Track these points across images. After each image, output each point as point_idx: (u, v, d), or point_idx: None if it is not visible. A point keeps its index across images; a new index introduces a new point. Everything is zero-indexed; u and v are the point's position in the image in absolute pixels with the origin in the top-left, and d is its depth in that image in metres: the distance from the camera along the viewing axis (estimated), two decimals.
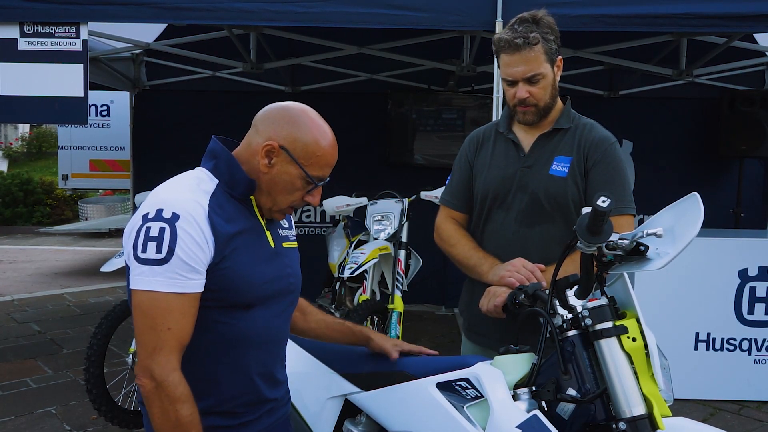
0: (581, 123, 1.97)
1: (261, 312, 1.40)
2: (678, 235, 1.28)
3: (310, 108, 1.43)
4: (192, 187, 1.35)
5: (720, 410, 3.83)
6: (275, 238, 1.47)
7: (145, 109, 6.08)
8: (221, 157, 1.39)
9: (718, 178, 6.01)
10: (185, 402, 1.26)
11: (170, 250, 1.25)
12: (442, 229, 2.10)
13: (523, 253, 1.85)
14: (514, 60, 1.84)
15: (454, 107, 5.91)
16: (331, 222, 5.87)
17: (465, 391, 1.52)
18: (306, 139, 1.36)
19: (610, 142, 1.92)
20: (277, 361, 1.51)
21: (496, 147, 2.02)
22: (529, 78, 1.85)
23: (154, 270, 1.25)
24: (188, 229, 1.27)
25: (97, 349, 3.24)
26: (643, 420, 1.32)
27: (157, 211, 1.28)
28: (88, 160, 9.45)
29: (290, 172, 1.37)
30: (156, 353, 1.25)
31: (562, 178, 1.89)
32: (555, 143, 1.94)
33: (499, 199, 1.97)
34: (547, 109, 1.92)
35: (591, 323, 1.39)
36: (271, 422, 1.49)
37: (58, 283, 7.32)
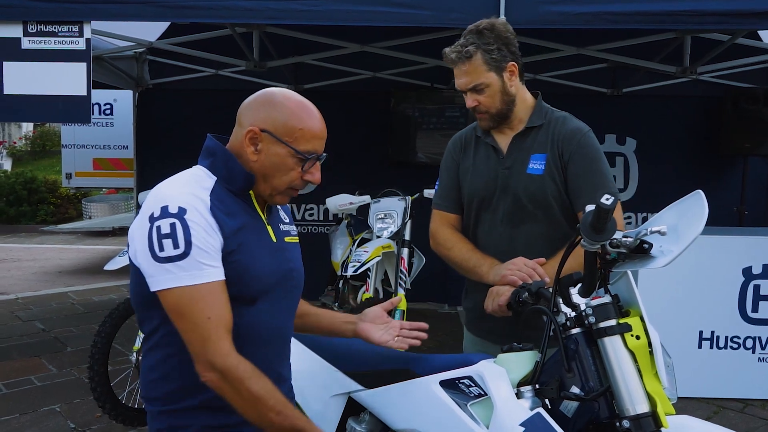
0: (554, 117, 1.99)
1: (265, 307, 1.40)
2: (682, 232, 1.28)
3: (285, 89, 1.43)
4: (190, 183, 1.35)
5: (724, 408, 3.82)
6: (276, 233, 1.47)
7: (148, 108, 6.09)
8: (218, 154, 1.40)
9: (721, 176, 6.00)
10: (251, 377, 1.28)
11: (187, 242, 1.25)
12: (438, 234, 2.12)
13: (512, 252, 1.88)
14: (456, 73, 1.93)
15: (456, 105, 5.90)
16: (334, 220, 5.86)
17: (468, 389, 1.52)
18: (284, 115, 1.36)
19: (583, 132, 1.93)
20: (282, 358, 1.51)
21: (477, 152, 2.07)
22: (473, 88, 1.92)
23: (177, 266, 1.25)
24: (197, 220, 1.27)
25: (101, 347, 3.25)
26: (646, 418, 1.32)
27: (162, 209, 1.27)
28: (92, 158, 9.47)
29: (278, 153, 1.36)
30: (206, 345, 1.26)
31: (539, 176, 1.92)
32: (530, 142, 1.97)
33: (485, 203, 2.01)
34: (501, 114, 1.95)
35: (594, 321, 1.39)
36: None
37: (62, 282, 7.34)
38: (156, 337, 1.38)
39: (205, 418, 1.37)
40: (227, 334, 1.28)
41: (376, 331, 1.67)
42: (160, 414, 1.39)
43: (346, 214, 4.51)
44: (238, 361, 1.27)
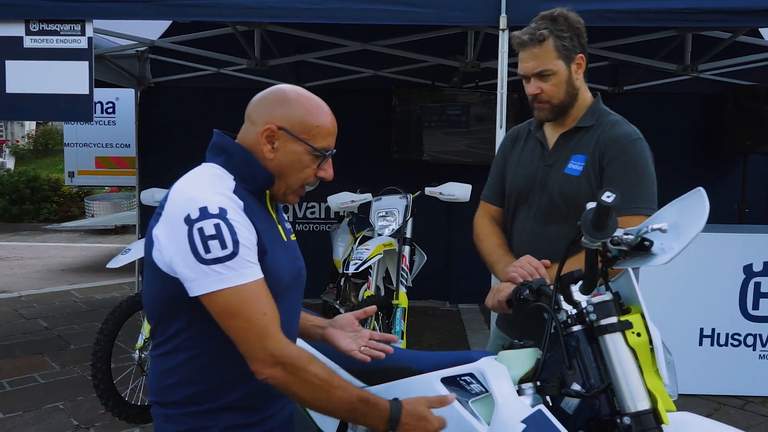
0: (606, 120, 1.93)
1: (283, 306, 1.40)
2: (683, 230, 1.28)
3: (294, 86, 1.43)
4: (215, 183, 1.33)
5: (724, 405, 3.83)
6: (285, 232, 1.48)
7: (150, 107, 6.10)
8: (234, 152, 1.37)
9: (722, 173, 6.00)
10: (312, 363, 1.30)
11: (235, 242, 1.25)
12: (476, 225, 2.13)
13: (539, 250, 1.84)
14: (524, 56, 1.87)
15: (458, 104, 5.90)
16: (335, 218, 5.87)
17: (470, 386, 1.53)
18: (301, 113, 1.36)
19: (631, 138, 1.87)
20: None
21: (526, 145, 2.05)
22: (539, 74, 1.86)
23: (227, 266, 1.24)
24: (239, 219, 1.27)
25: (104, 345, 3.26)
26: (647, 415, 1.33)
27: (201, 210, 1.24)
28: (94, 157, 9.47)
29: (296, 150, 1.36)
30: (266, 340, 1.26)
31: (576, 177, 1.88)
32: (575, 142, 1.93)
33: (522, 197, 1.99)
34: (563, 107, 1.90)
35: (595, 318, 1.39)
36: (283, 418, 1.50)
37: (65, 280, 7.36)
38: (176, 341, 1.36)
39: (227, 419, 1.37)
40: (281, 329, 1.30)
41: (343, 338, 1.61)
42: (183, 416, 1.37)
43: (348, 212, 4.52)
44: (298, 351, 1.30)
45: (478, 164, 5.50)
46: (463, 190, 3.95)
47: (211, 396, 1.36)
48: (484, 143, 5.69)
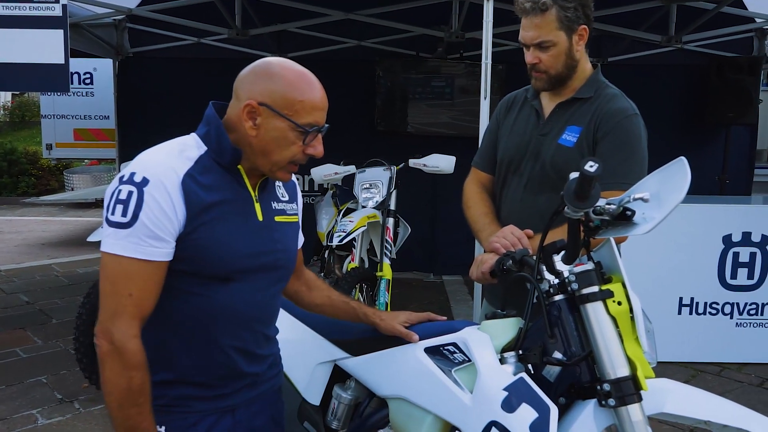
0: (604, 93, 1.91)
1: (240, 286, 1.36)
2: (664, 199, 1.29)
3: (283, 58, 1.38)
4: (174, 152, 1.31)
5: (701, 372, 3.92)
6: (266, 211, 1.41)
7: (129, 77, 5.98)
8: (212, 124, 1.35)
9: (705, 145, 6.05)
10: (139, 370, 1.25)
11: (135, 215, 1.23)
12: (465, 191, 2.11)
13: (528, 220, 1.84)
14: (525, 24, 1.84)
15: (442, 75, 5.86)
16: (319, 190, 5.84)
17: (453, 355, 1.54)
18: (283, 87, 1.30)
19: (627, 114, 1.85)
20: (259, 338, 1.46)
21: (520, 113, 2.02)
22: (538, 44, 1.83)
23: (118, 233, 1.24)
24: (156, 195, 1.24)
25: (86, 318, 3.24)
26: (626, 381, 1.35)
27: (131, 174, 1.25)
28: (73, 129, 9.32)
29: (278, 127, 1.30)
30: (116, 318, 1.24)
31: (569, 148, 1.86)
32: (571, 112, 1.91)
33: (513, 165, 1.97)
34: (560, 78, 1.88)
35: (577, 288, 1.40)
36: (255, 395, 1.47)
37: (45, 254, 7.28)
38: None
39: (178, 391, 1.36)
40: (141, 317, 1.26)
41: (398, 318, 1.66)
42: None
43: (332, 184, 4.50)
44: (137, 349, 1.25)
45: (462, 136, 5.49)
46: (448, 161, 3.95)
47: (165, 366, 1.35)
48: (469, 115, 5.67)
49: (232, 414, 1.42)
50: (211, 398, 1.39)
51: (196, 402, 1.37)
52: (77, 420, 3.24)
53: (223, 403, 1.41)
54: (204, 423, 1.38)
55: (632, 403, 1.34)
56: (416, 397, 1.55)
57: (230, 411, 1.42)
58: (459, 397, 1.46)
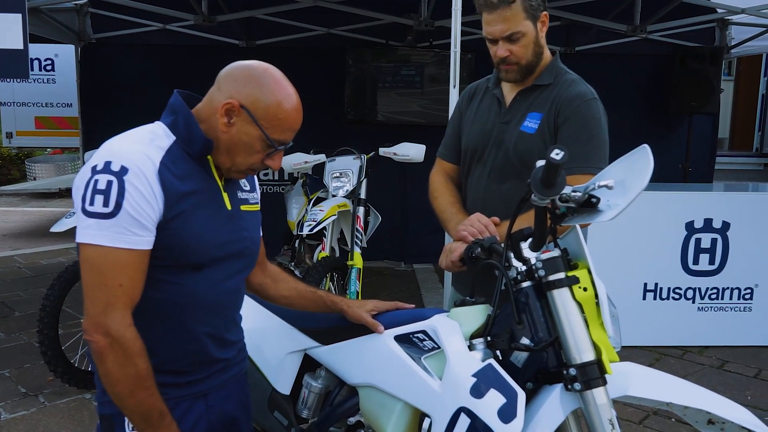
0: (563, 79, 1.93)
1: (211, 274, 1.38)
2: (628, 186, 1.31)
3: (275, 68, 1.38)
4: (145, 141, 1.30)
5: (665, 356, 4.02)
6: (232, 200, 1.44)
7: (92, 64, 5.83)
8: (180, 113, 1.35)
9: (668, 133, 6.17)
10: (143, 356, 1.26)
11: (118, 204, 1.22)
12: (430, 182, 2.12)
13: (493, 208, 1.86)
14: (492, 18, 1.82)
15: (412, 63, 5.85)
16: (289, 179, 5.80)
17: (422, 342, 1.55)
18: (268, 100, 1.31)
19: (585, 98, 1.87)
20: (230, 323, 1.49)
21: (482, 102, 2.03)
22: (508, 36, 1.83)
23: (101, 224, 1.22)
24: (137, 184, 1.23)
25: (50, 310, 3.18)
26: (592, 365, 1.38)
27: (106, 164, 1.24)
28: (34, 117, 9.06)
29: (250, 133, 1.32)
30: (109, 309, 1.24)
31: (531, 135, 1.88)
32: (532, 99, 1.93)
33: (477, 154, 1.99)
34: (530, 66, 1.89)
35: (544, 274, 1.42)
36: (224, 379, 1.49)
37: (7, 245, 7.10)
38: None
39: (155, 378, 1.35)
40: (132, 306, 1.26)
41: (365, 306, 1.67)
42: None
43: (302, 173, 4.47)
44: (135, 336, 1.25)
45: (432, 125, 5.50)
46: (418, 150, 3.95)
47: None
48: (438, 104, 5.68)
49: (205, 399, 1.45)
50: (185, 384, 1.41)
51: (170, 389, 1.38)
52: (42, 414, 3.18)
53: (196, 389, 1.42)
54: (178, 409, 1.39)
55: (597, 387, 1.37)
56: (386, 385, 1.56)
57: (203, 396, 1.44)
58: (429, 384, 1.48)
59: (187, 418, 1.41)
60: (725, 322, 4.13)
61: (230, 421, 1.52)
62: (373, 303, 1.68)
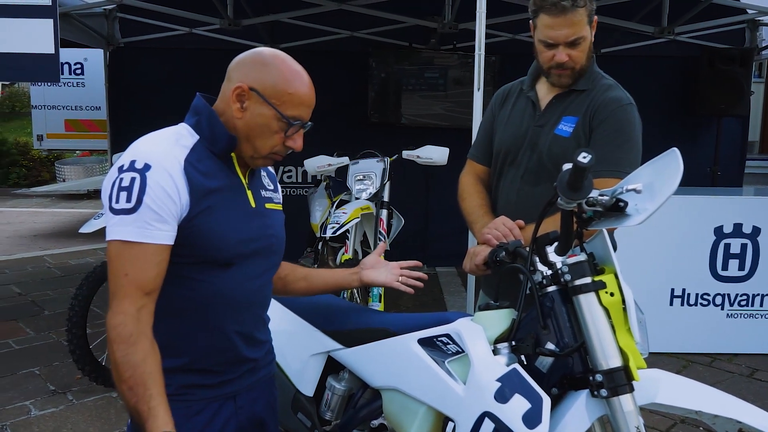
0: (600, 84, 1.91)
1: (239, 271, 1.39)
2: (657, 190, 1.29)
3: (281, 51, 1.40)
4: (170, 140, 1.33)
5: (692, 363, 3.95)
6: (257, 198, 1.45)
7: (120, 68, 5.93)
8: (203, 113, 1.37)
9: (696, 136, 6.07)
10: (123, 342, 1.24)
11: (139, 199, 1.24)
12: (460, 182, 2.12)
13: (525, 211, 1.85)
14: (557, 22, 1.78)
15: (436, 66, 5.84)
16: (312, 182, 5.83)
17: (446, 346, 1.54)
18: (275, 78, 1.33)
19: (621, 103, 1.85)
20: (258, 322, 1.50)
21: (516, 104, 2.02)
22: (572, 42, 1.81)
23: (124, 220, 1.25)
24: (159, 179, 1.25)
25: (78, 310, 3.24)
26: (618, 372, 1.36)
27: (131, 162, 1.27)
28: (64, 120, 9.25)
29: (264, 114, 1.34)
30: (113, 298, 1.26)
31: (565, 138, 1.87)
32: (568, 103, 1.91)
33: (510, 157, 1.98)
34: (583, 71, 1.88)
35: (570, 279, 1.41)
36: (253, 381, 1.50)
37: (37, 245, 7.24)
38: None
39: (183, 378, 1.37)
40: (138, 296, 1.25)
41: (380, 275, 1.73)
42: None
43: (325, 175, 4.49)
44: (120, 323, 1.24)
45: (455, 127, 5.49)
46: (441, 153, 3.94)
47: (170, 352, 1.35)
48: (462, 106, 5.66)
49: (234, 400, 1.45)
50: (215, 385, 1.41)
51: (199, 390, 1.39)
52: (70, 411, 3.24)
53: (226, 390, 1.43)
54: (208, 410, 1.40)
55: (624, 394, 1.35)
56: (410, 388, 1.56)
57: (232, 397, 1.45)
58: (452, 388, 1.47)
59: (217, 419, 1.41)
60: (755, 329, 4.04)
61: (258, 422, 1.52)
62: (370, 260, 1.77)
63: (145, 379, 1.22)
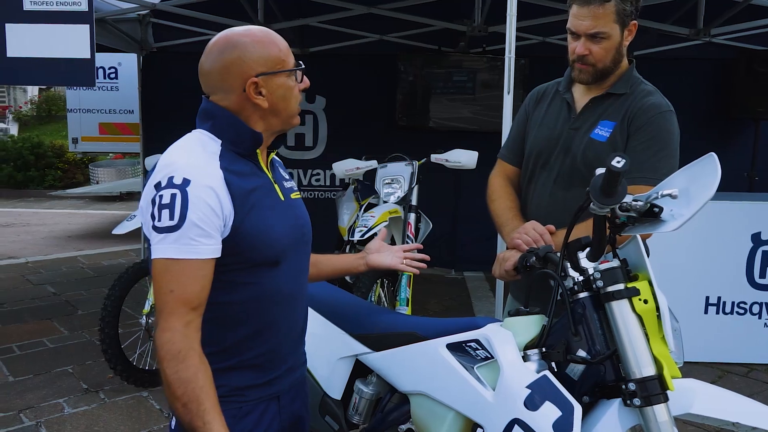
0: (639, 89, 1.87)
1: (286, 267, 1.40)
2: (693, 196, 1.26)
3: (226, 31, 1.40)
4: (197, 150, 1.33)
5: (728, 373, 3.85)
6: (283, 191, 1.46)
7: (153, 72, 6.04)
8: (219, 116, 1.37)
9: (732, 140, 5.93)
10: (173, 359, 1.23)
11: (182, 215, 1.24)
12: (489, 183, 2.10)
13: (556, 215, 1.82)
14: (582, 12, 1.78)
15: (464, 69, 5.82)
16: (340, 185, 5.85)
17: (475, 352, 1.53)
18: (261, 50, 1.35)
19: (661, 110, 1.82)
20: (305, 315, 1.53)
21: (551, 106, 1.99)
22: (593, 35, 1.78)
23: (168, 237, 1.25)
24: (200, 193, 1.25)
25: (111, 310, 3.29)
26: (652, 381, 1.33)
27: (168, 179, 1.27)
28: (98, 123, 9.45)
29: (279, 83, 1.37)
30: (160, 316, 1.26)
31: (601, 143, 1.83)
32: (605, 107, 1.87)
33: (542, 159, 1.94)
34: (606, 72, 1.84)
35: (602, 285, 1.39)
36: (292, 382, 1.50)
37: (71, 246, 7.41)
38: None
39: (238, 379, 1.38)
40: (184, 311, 1.25)
41: (385, 258, 1.78)
42: None
43: (353, 179, 4.50)
44: (168, 340, 1.24)
45: (484, 131, 5.46)
46: (469, 157, 3.92)
47: (223, 356, 1.36)
48: (491, 110, 5.62)
49: (278, 400, 1.46)
50: (262, 385, 1.42)
51: (249, 390, 1.40)
52: (102, 410, 3.29)
53: (272, 390, 1.44)
54: (256, 411, 1.41)
55: (658, 403, 1.32)
56: (438, 394, 1.55)
57: (276, 397, 1.46)
58: (481, 394, 1.46)
59: (264, 419, 1.43)
60: None
61: (297, 421, 1.53)
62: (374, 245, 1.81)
63: (197, 395, 1.23)
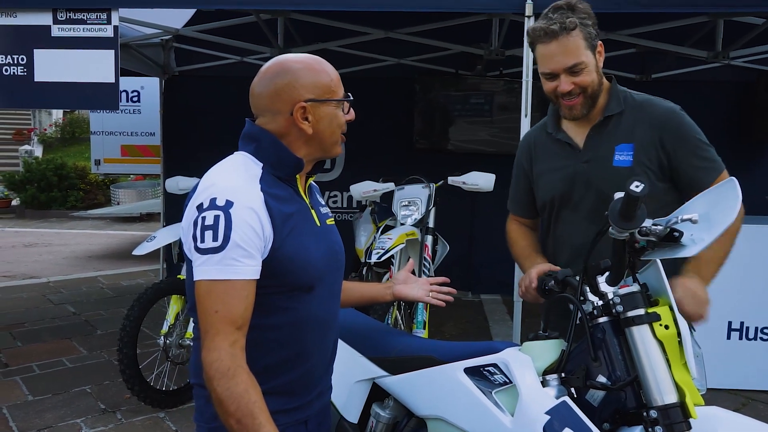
0: (635, 102, 1.85)
1: (321, 293, 1.41)
2: (714, 221, 1.26)
3: (283, 56, 1.43)
4: (240, 172, 1.35)
5: (752, 400, 3.76)
6: (319, 216, 1.47)
7: (174, 95, 6.15)
8: (263, 139, 1.39)
9: (753, 163, 5.86)
10: (223, 377, 1.24)
11: (226, 237, 1.25)
12: (508, 230, 2.13)
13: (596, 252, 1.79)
14: (551, 50, 1.73)
15: (481, 92, 5.85)
16: (357, 207, 5.87)
17: (493, 376, 1.52)
18: (313, 77, 1.37)
19: (676, 111, 1.82)
20: (333, 342, 1.52)
21: (549, 150, 1.94)
22: (571, 68, 1.74)
23: (211, 259, 1.26)
24: (243, 215, 1.27)
25: (129, 330, 3.32)
26: (675, 408, 1.31)
27: (211, 200, 1.28)
28: (120, 145, 9.60)
29: (327, 111, 1.39)
30: (206, 336, 1.27)
31: (628, 168, 1.79)
32: (611, 131, 1.84)
33: (564, 200, 1.90)
34: (595, 96, 1.81)
35: (622, 310, 1.37)
36: (320, 407, 1.50)
37: (91, 266, 7.49)
38: None
39: (267, 404, 1.35)
40: (230, 331, 1.26)
41: (412, 290, 1.81)
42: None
43: (370, 201, 4.51)
44: (216, 359, 1.25)
45: (501, 153, 5.45)
46: (487, 179, 3.91)
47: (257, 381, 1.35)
48: (508, 132, 5.63)
49: (305, 425, 1.47)
50: (292, 410, 1.42)
51: (279, 416, 1.38)
52: (119, 430, 3.30)
53: (301, 415, 1.45)
54: None
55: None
56: (456, 418, 1.53)
57: (304, 422, 1.46)
58: (500, 419, 1.44)
59: None
60: None
61: None
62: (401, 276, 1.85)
63: (251, 409, 1.24)
